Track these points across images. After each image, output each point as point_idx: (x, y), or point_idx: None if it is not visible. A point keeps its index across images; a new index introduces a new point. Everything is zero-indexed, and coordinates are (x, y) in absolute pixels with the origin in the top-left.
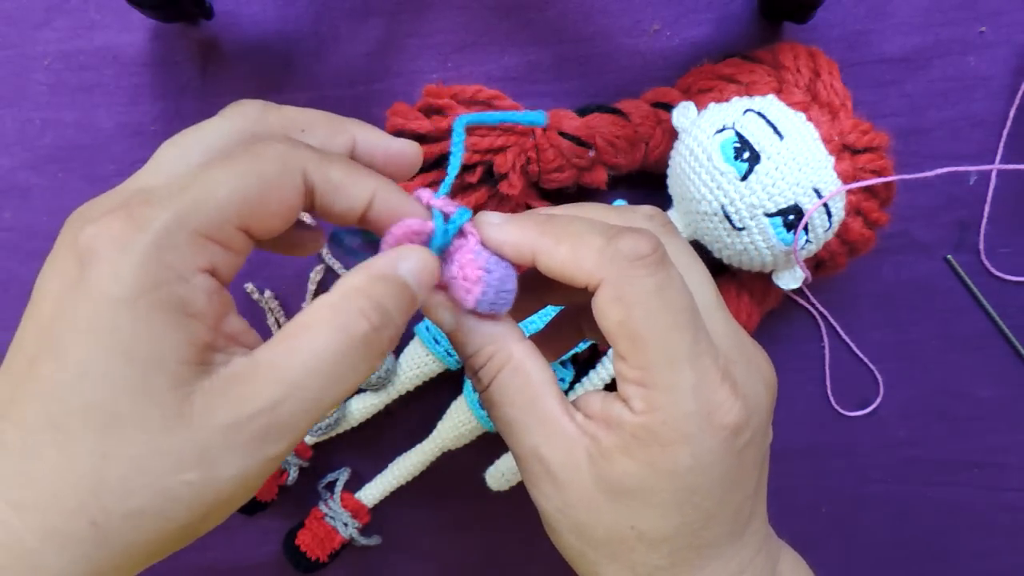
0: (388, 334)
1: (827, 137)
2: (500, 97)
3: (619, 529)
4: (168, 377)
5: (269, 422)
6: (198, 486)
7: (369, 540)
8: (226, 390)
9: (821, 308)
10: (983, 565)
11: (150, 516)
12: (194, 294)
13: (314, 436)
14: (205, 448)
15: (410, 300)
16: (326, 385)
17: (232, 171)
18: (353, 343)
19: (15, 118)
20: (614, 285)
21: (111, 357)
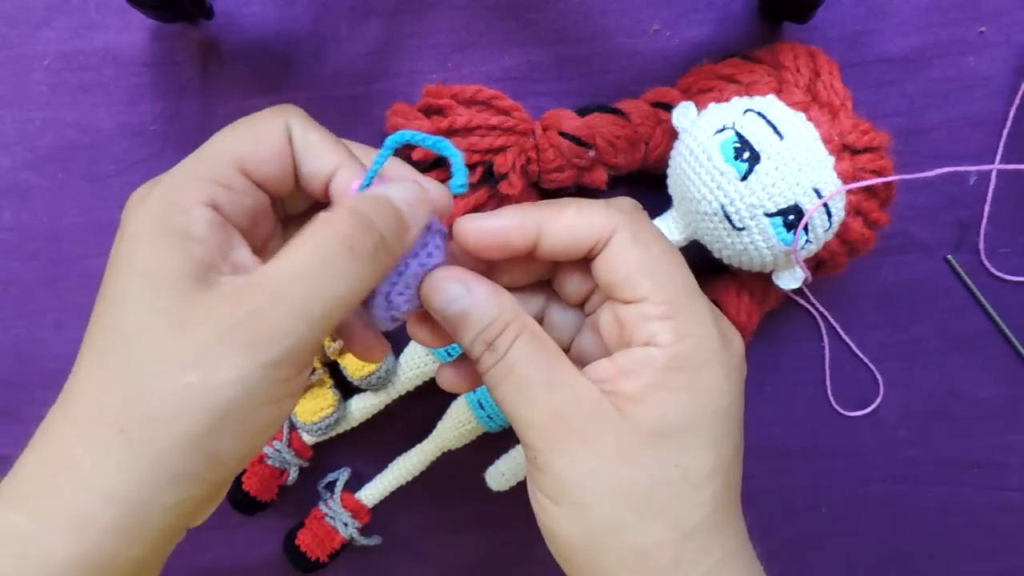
0: (372, 242)
1: (827, 137)
2: (500, 97)
3: (664, 473)
4: (172, 290)
5: (258, 326)
6: (199, 388)
7: (369, 540)
8: (222, 300)
9: (821, 308)
10: (983, 565)
11: (163, 420)
12: (195, 223)
13: (314, 436)
14: (203, 351)
15: (399, 222)
16: (310, 291)
17: (229, 129)
18: (333, 247)
19: (15, 118)
20: (629, 228)
21: (129, 280)
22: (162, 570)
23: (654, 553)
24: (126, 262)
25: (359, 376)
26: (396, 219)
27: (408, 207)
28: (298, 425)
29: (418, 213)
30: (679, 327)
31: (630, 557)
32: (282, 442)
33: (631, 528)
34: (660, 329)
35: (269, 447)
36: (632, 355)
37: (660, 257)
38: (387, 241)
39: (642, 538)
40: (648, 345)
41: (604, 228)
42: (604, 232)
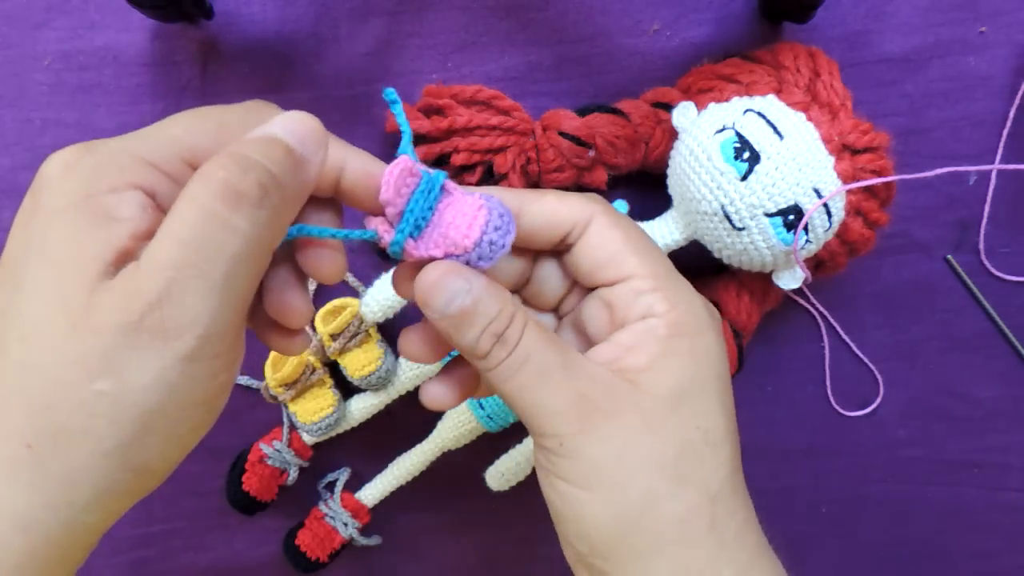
0: (255, 180)
1: (827, 137)
2: (500, 97)
3: (688, 436)
4: (81, 279)
5: (165, 314)
6: (114, 396)
7: (369, 540)
8: (120, 287)
9: (821, 308)
10: (983, 565)
11: (76, 432)
12: (122, 204)
13: (314, 436)
14: (109, 352)
15: (287, 153)
16: (207, 257)
17: (194, 114)
18: (211, 199)
19: (15, 118)
20: (607, 213)
21: (39, 266)
22: (163, 570)
23: (691, 519)
24: (35, 242)
25: (359, 376)
26: (282, 151)
27: (295, 137)
28: (298, 425)
29: (310, 143)
30: (670, 296)
31: (670, 527)
32: (282, 442)
33: (667, 497)
34: (654, 300)
35: (269, 447)
36: (632, 330)
37: (640, 237)
38: (277, 176)
39: (678, 505)
40: (646, 318)
41: (583, 212)
42: (583, 216)
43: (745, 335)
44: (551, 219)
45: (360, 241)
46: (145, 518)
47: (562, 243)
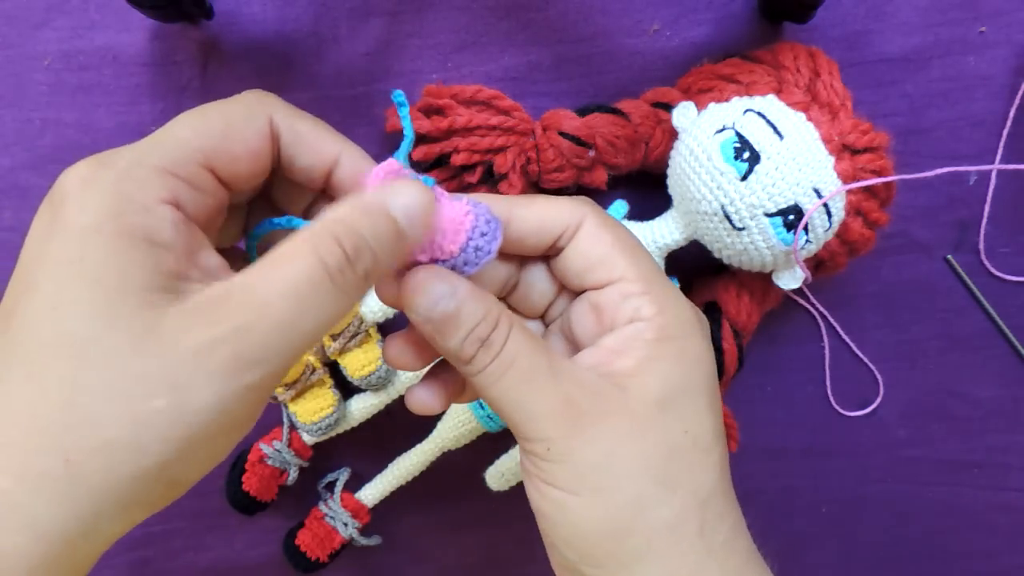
0: (364, 267)
1: (827, 137)
2: (500, 97)
3: (676, 440)
4: (136, 301)
5: (241, 346)
6: (169, 413)
7: (369, 540)
8: (197, 313)
9: (821, 308)
10: (983, 565)
11: (122, 447)
12: (158, 223)
13: (314, 436)
14: (175, 372)
15: (395, 234)
16: (299, 311)
17: (198, 115)
18: (325, 270)
19: (15, 118)
20: (597, 215)
21: (79, 285)
22: (162, 570)
23: (680, 525)
24: (73, 263)
25: (359, 376)
26: (392, 232)
27: (408, 218)
28: (298, 425)
29: (419, 224)
30: (658, 299)
31: (659, 533)
32: (282, 442)
33: (657, 501)
34: (642, 303)
35: (269, 447)
36: (620, 334)
37: (629, 239)
38: (379, 258)
39: (668, 510)
40: (634, 321)
41: (573, 216)
42: (573, 220)
43: (745, 335)
44: (542, 224)
45: None
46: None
47: (552, 248)
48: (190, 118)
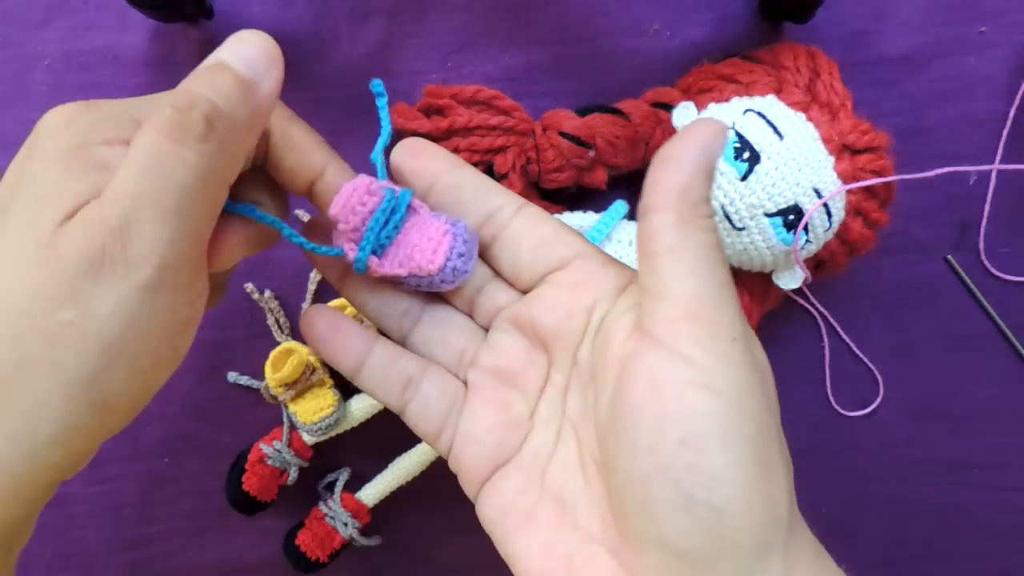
0: (201, 115)
1: (827, 137)
2: (500, 97)
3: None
4: (54, 214)
5: (123, 243)
6: (78, 325)
7: (369, 540)
8: (83, 220)
9: (821, 308)
10: (983, 565)
11: (41, 362)
12: (112, 156)
13: (314, 436)
14: (73, 282)
15: (231, 81)
16: (157, 187)
17: (200, 79)
18: (159, 134)
19: (15, 118)
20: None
21: (23, 203)
22: (162, 570)
23: None
24: (24, 183)
25: (310, 422)
26: (230, 80)
27: (245, 63)
28: (298, 425)
29: (260, 66)
30: None
31: None
32: (282, 442)
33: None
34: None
35: (269, 447)
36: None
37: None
38: (224, 109)
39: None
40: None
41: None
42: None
43: None
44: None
45: None
46: (145, 518)
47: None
48: (193, 83)
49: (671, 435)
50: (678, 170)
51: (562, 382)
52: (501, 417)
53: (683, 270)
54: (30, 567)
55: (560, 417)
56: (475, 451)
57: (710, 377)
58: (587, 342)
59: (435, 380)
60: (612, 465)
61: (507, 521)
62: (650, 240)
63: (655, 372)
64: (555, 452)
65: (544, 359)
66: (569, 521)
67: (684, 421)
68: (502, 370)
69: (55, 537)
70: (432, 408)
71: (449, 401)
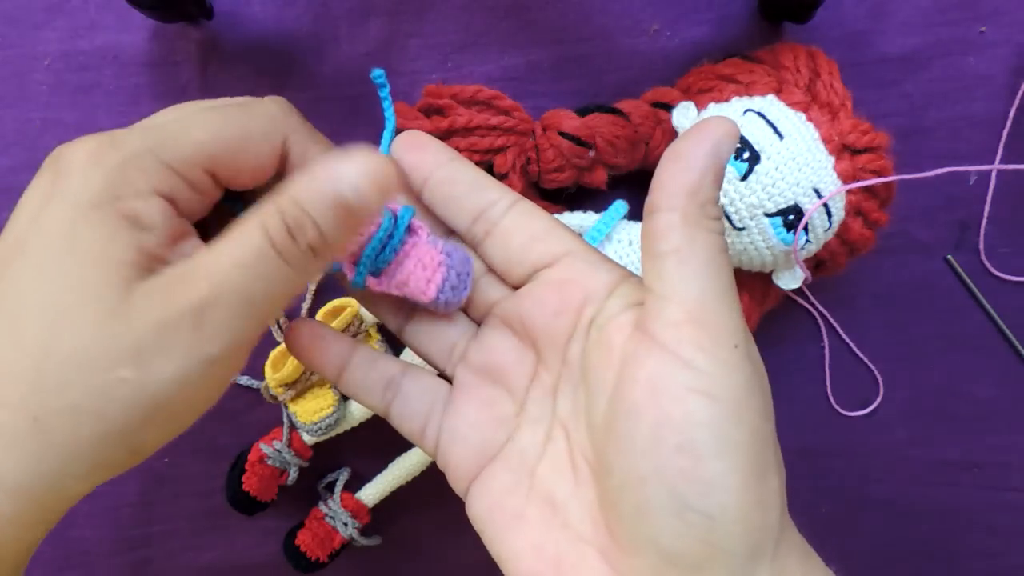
0: (306, 240)
1: (827, 137)
2: (500, 97)
3: None
4: (112, 275)
5: (201, 319)
6: (133, 384)
7: (369, 540)
8: (162, 289)
9: (821, 308)
10: (983, 565)
11: (86, 413)
12: (150, 210)
13: (314, 436)
14: (140, 345)
15: (340, 207)
16: (250, 284)
17: (216, 119)
18: (269, 241)
19: (15, 118)
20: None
21: (67, 256)
22: (162, 570)
23: None
24: (65, 235)
25: (309, 422)
26: (342, 213)
27: (356, 190)
28: (298, 425)
29: (371, 195)
30: None
31: None
32: (282, 442)
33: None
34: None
35: (269, 447)
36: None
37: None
38: (330, 237)
39: None
40: None
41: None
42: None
43: None
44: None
45: None
46: (145, 518)
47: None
48: (209, 121)
49: (669, 440)
50: (687, 169)
51: (551, 381)
52: (486, 414)
53: (688, 273)
54: (30, 567)
55: (550, 417)
56: (461, 448)
57: (711, 383)
58: (577, 341)
59: (415, 380)
60: (607, 467)
61: (496, 520)
62: (656, 240)
63: (656, 375)
64: (545, 452)
65: (532, 357)
66: (559, 521)
67: (682, 427)
68: (489, 367)
69: (55, 537)
70: (413, 406)
71: (430, 399)
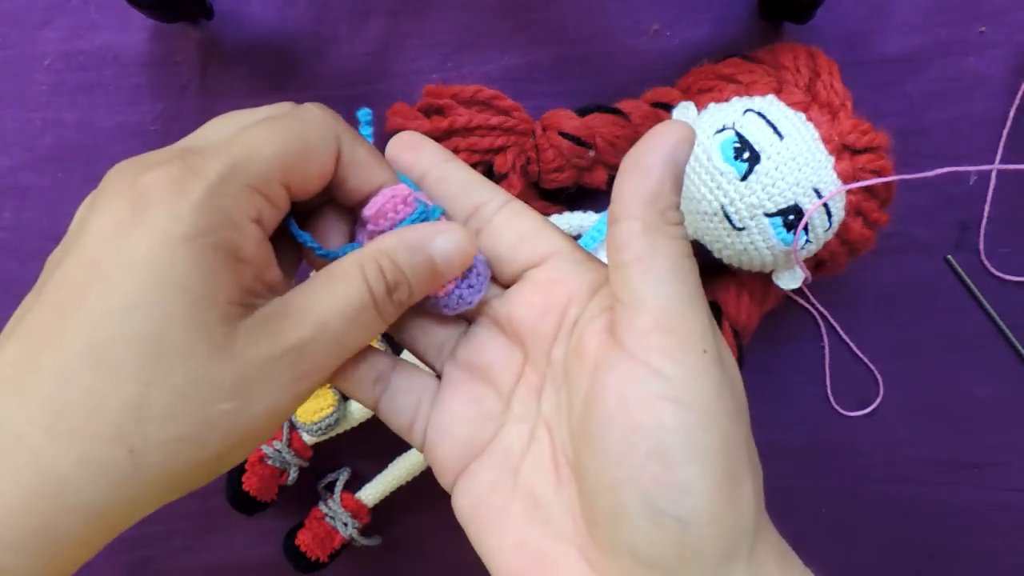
0: (400, 297)
1: (827, 137)
2: (500, 97)
3: None
4: (218, 313)
5: (300, 358)
6: (233, 415)
7: (369, 540)
8: (264, 327)
9: (821, 308)
10: (983, 565)
11: (187, 443)
12: (245, 241)
13: (314, 436)
14: (243, 380)
15: (431, 273)
16: (347, 331)
17: (279, 131)
18: (371, 296)
19: (15, 118)
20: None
21: (167, 289)
22: (162, 570)
23: None
24: (162, 268)
25: (309, 422)
26: (430, 273)
27: (445, 260)
28: (298, 425)
29: (454, 266)
30: None
31: None
32: (282, 442)
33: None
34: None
35: (269, 447)
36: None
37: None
38: (413, 294)
39: None
40: None
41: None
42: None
43: (745, 335)
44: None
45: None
46: (145, 518)
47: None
48: (275, 136)
49: (640, 447)
50: (644, 177)
51: (537, 380)
52: (473, 410)
53: (652, 281)
54: None
55: (535, 416)
56: (447, 443)
57: (680, 391)
58: (561, 341)
59: (404, 374)
60: (583, 472)
61: (480, 516)
62: (618, 250)
63: (626, 384)
64: (529, 450)
65: (520, 355)
66: (541, 519)
67: (653, 434)
68: (476, 364)
69: None
70: (402, 400)
71: (418, 394)
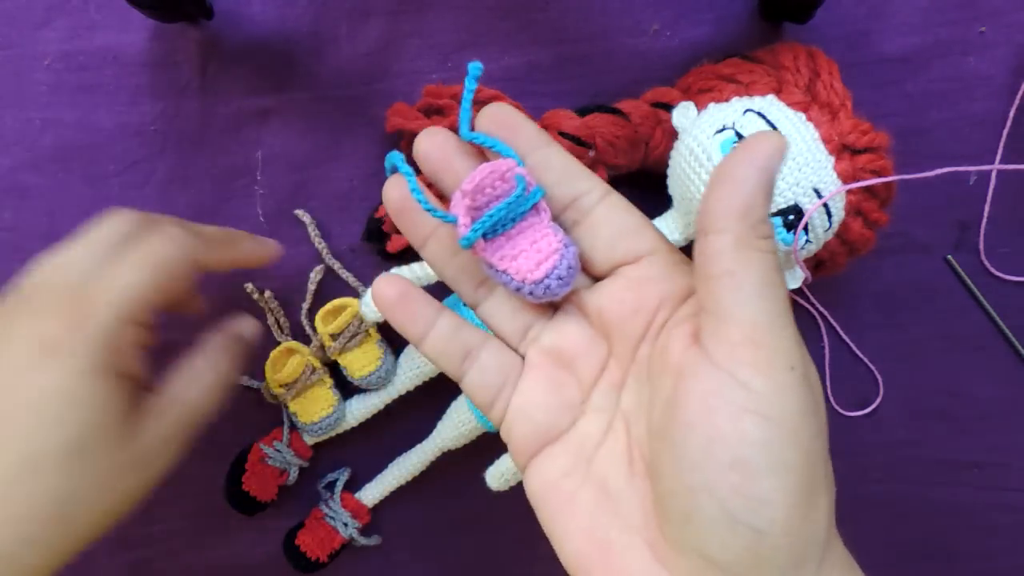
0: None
1: (827, 137)
2: (500, 97)
3: None
4: (120, 418)
5: (181, 432)
6: (140, 479)
7: (369, 540)
8: (157, 416)
9: (821, 308)
10: (983, 565)
11: (107, 511)
12: (131, 362)
13: (314, 436)
14: (147, 456)
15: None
16: (207, 402)
17: (143, 264)
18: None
19: (15, 118)
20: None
21: (79, 410)
22: (162, 570)
23: None
24: (71, 394)
25: (359, 376)
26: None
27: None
28: (298, 425)
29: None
30: None
31: None
32: (282, 442)
33: None
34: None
35: (269, 447)
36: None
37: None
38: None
39: None
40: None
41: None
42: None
43: None
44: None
45: (360, 242)
46: (145, 518)
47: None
48: (141, 271)
49: (721, 456)
50: (737, 190)
51: (619, 375)
52: (553, 397)
53: (743, 295)
54: None
55: (614, 409)
56: (525, 426)
57: (766, 405)
58: (648, 341)
59: (493, 353)
60: (659, 472)
61: (551, 499)
62: (708, 262)
63: (711, 393)
64: (604, 441)
65: (605, 349)
66: (611, 508)
67: (735, 445)
68: (561, 352)
69: None
70: (488, 379)
71: (504, 374)
